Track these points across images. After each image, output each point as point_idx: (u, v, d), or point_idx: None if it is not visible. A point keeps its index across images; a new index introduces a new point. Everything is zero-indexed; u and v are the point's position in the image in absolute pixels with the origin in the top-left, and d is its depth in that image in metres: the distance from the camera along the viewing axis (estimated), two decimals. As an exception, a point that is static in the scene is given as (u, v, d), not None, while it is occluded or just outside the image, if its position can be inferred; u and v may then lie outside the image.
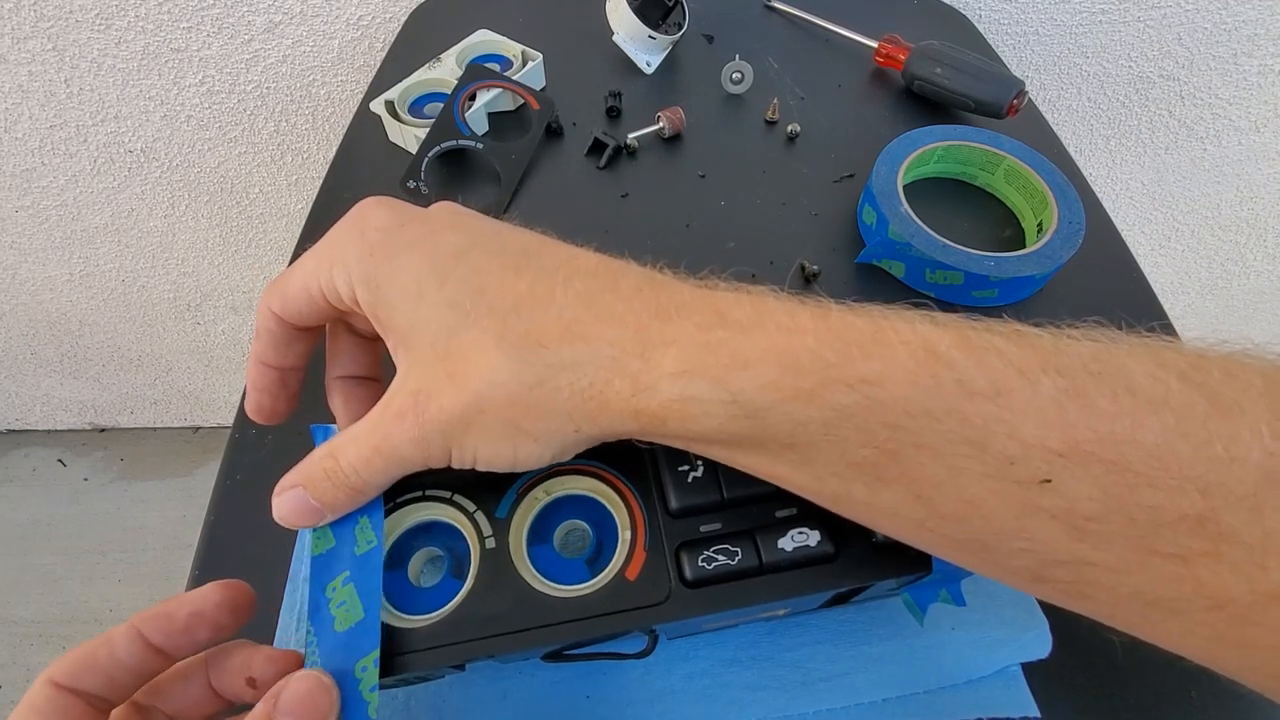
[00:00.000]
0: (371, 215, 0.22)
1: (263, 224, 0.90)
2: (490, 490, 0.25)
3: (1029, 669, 0.28)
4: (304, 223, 0.46)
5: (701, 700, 0.27)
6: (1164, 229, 0.89)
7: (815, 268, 0.42)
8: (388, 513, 0.24)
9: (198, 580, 0.31)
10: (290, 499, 0.22)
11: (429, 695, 0.27)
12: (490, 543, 0.24)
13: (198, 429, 1.36)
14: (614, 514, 0.24)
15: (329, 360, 0.26)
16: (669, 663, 0.28)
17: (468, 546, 0.24)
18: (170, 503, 1.27)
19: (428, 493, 0.25)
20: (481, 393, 0.20)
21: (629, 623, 0.22)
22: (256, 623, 0.29)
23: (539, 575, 0.23)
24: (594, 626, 0.22)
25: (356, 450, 0.21)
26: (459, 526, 0.24)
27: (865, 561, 0.23)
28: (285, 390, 0.25)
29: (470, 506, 0.24)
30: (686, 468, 0.24)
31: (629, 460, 0.25)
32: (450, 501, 0.25)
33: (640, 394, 0.19)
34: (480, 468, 0.21)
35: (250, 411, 0.25)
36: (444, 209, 0.23)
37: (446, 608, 0.23)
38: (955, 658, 0.28)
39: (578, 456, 0.24)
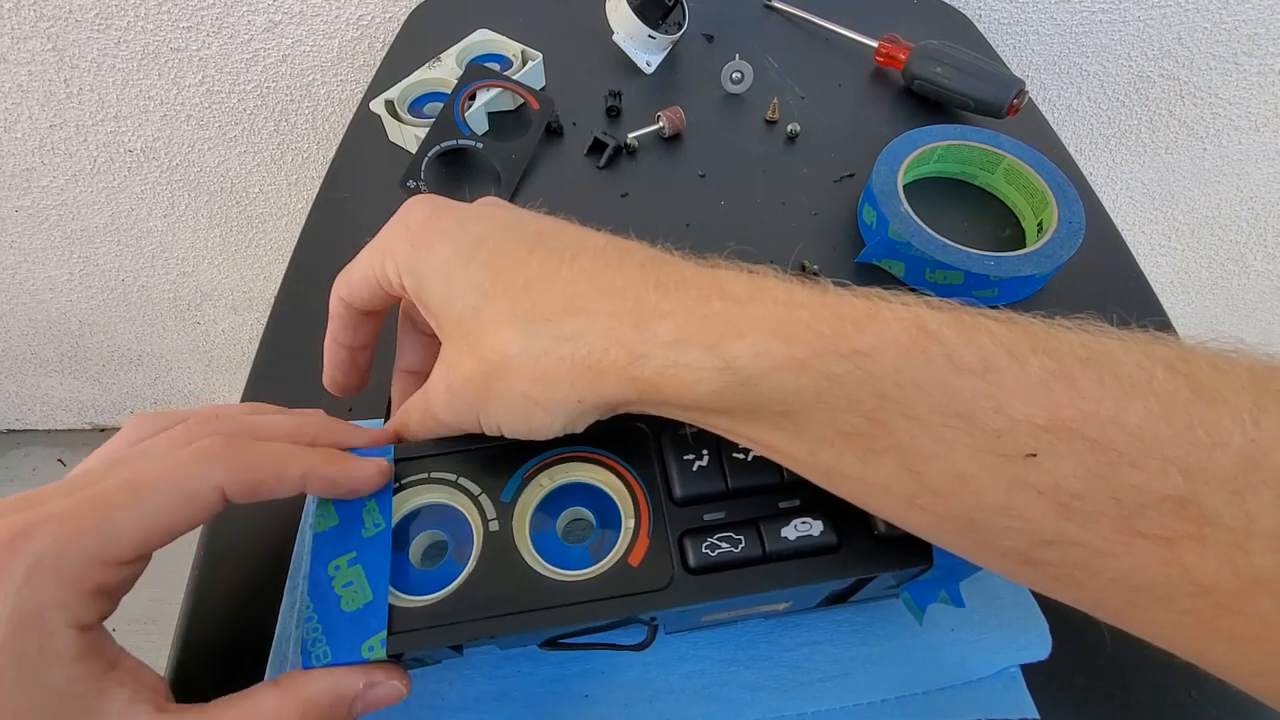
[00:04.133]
0: (414, 210, 0.25)
1: (262, 224, 0.90)
2: (496, 474, 0.25)
3: (1028, 670, 0.28)
4: (304, 222, 0.46)
5: (700, 700, 0.27)
6: (1164, 229, 0.89)
7: (815, 267, 0.42)
8: (393, 492, 0.24)
9: (198, 581, 0.31)
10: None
11: (427, 694, 0.27)
12: (494, 525, 0.24)
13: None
14: (618, 502, 0.24)
15: (397, 353, 0.29)
16: (668, 662, 0.28)
17: (471, 531, 0.24)
18: (170, 502, 1.27)
19: (432, 475, 0.25)
20: (496, 363, 0.21)
21: (630, 607, 0.22)
22: (255, 626, 0.29)
23: (541, 559, 0.23)
24: (595, 610, 0.22)
25: (414, 414, 0.25)
26: (463, 510, 0.24)
27: (867, 553, 0.23)
28: (355, 367, 0.29)
29: (475, 489, 0.25)
30: (692, 456, 0.24)
31: (635, 448, 0.25)
32: (455, 485, 0.25)
33: (635, 362, 0.20)
34: (506, 434, 0.23)
35: (327, 385, 0.29)
36: (482, 202, 0.26)
37: (448, 588, 0.23)
38: (954, 658, 0.28)
39: (583, 443, 0.25)
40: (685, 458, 0.24)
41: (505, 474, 0.25)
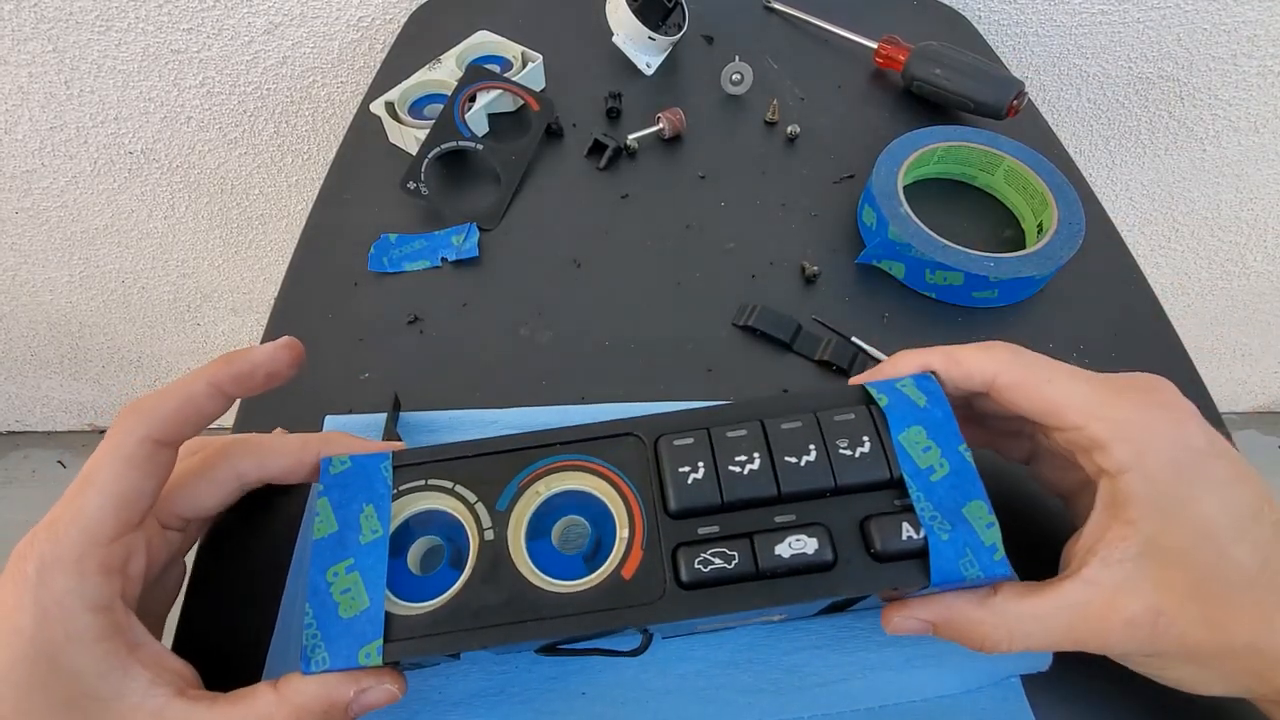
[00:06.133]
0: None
1: (263, 225, 0.90)
2: (492, 482, 0.25)
3: (1029, 682, 0.28)
4: (304, 224, 0.46)
5: (696, 701, 0.27)
6: (1164, 229, 0.89)
7: (815, 268, 0.42)
8: (392, 498, 0.25)
9: (197, 581, 0.31)
10: (914, 626, 0.24)
11: (425, 689, 0.27)
12: (489, 534, 0.24)
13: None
14: (613, 511, 0.24)
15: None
16: (665, 663, 0.28)
17: (468, 538, 0.24)
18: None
19: (430, 482, 0.25)
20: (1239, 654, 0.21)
21: (622, 620, 0.22)
22: (253, 626, 0.29)
23: (536, 569, 0.24)
24: (587, 622, 0.22)
25: (1039, 625, 0.23)
26: (459, 517, 0.25)
27: (863, 571, 0.23)
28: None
29: (471, 497, 0.25)
30: (687, 469, 0.24)
31: (630, 457, 0.25)
32: (452, 492, 0.25)
33: None
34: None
35: None
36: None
37: (443, 596, 0.23)
38: (953, 667, 0.28)
39: (580, 450, 0.25)
40: (680, 469, 0.24)
41: (501, 482, 0.25)
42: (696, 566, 0.22)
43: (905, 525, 0.23)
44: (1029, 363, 0.25)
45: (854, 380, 0.27)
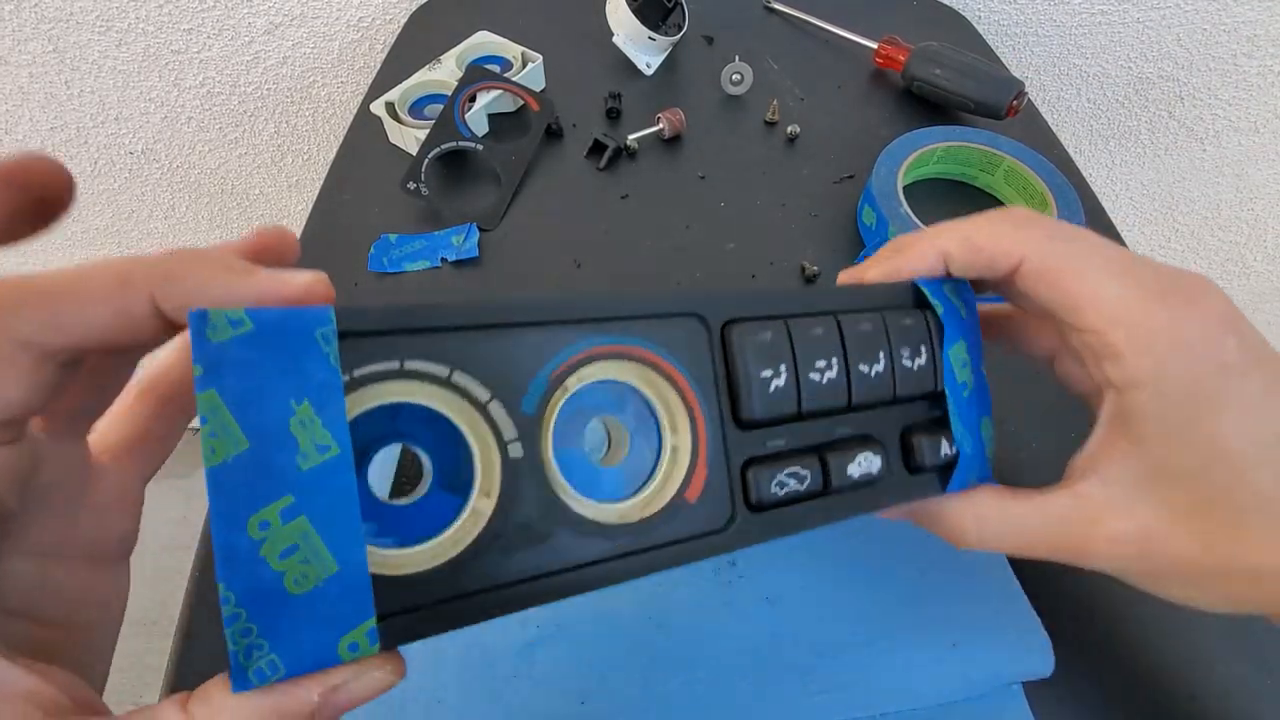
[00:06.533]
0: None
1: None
2: (508, 371, 0.17)
3: (1031, 688, 0.28)
4: (305, 224, 0.46)
5: (699, 709, 0.27)
6: (1164, 229, 0.89)
7: (815, 268, 0.42)
8: (344, 389, 0.14)
9: (198, 582, 0.31)
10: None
11: (420, 693, 0.27)
12: (515, 450, 0.16)
13: (198, 429, 1.35)
14: (660, 414, 0.19)
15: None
16: (668, 670, 0.28)
17: (469, 451, 0.16)
18: (170, 503, 1.27)
19: (408, 365, 0.15)
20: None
21: (688, 554, 0.19)
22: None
23: (575, 492, 0.17)
24: (655, 559, 0.18)
25: (1013, 528, 0.22)
26: (457, 420, 0.16)
27: (898, 483, 0.22)
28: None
29: (483, 394, 0.16)
30: (770, 372, 0.20)
31: (688, 347, 0.19)
32: (448, 383, 0.16)
33: None
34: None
35: None
36: None
37: (450, 535, 0.16)
38: (956, 674, 0.28)
39: (626, 333, 0.18)
40: (764, 373, 0.20)
41: (523, 373, 0.17)
42: (773, 489, 0.20)
43: (943, 441, 0.22)
44: (1065, 249, 0.22)
45: (879, 264, 0.24)
